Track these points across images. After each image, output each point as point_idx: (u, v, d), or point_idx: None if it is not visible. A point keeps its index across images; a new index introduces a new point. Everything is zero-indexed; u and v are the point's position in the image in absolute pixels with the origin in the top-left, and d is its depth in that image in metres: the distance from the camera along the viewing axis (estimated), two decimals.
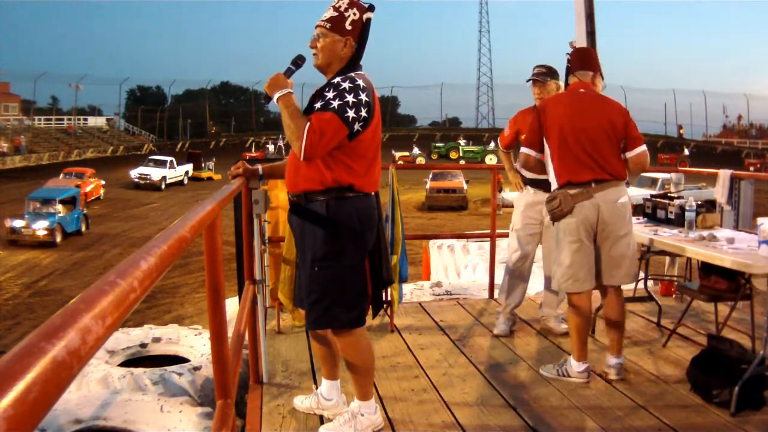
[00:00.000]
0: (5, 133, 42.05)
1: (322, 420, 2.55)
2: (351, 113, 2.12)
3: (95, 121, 56.13)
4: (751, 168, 34.76)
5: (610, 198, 2.76)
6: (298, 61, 2.34)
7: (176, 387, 3.40)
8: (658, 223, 3.61)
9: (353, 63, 2.26)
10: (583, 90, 2.86)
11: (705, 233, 3.11)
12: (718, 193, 4.55)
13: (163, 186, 28.69)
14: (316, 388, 2.70)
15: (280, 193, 3.83)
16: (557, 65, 3.59)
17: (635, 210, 3.20)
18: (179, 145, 49.81)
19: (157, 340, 4.17)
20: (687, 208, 3.34)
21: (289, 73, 2.31)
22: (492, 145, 40.55)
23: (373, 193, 2.32)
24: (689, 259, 3.70)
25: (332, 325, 2.33)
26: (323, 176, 2.19)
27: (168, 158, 30.75)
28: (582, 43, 4.90)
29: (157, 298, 11.28)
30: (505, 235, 4.15)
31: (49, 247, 16.00)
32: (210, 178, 32.40)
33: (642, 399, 2.71)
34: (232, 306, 4.19)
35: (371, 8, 2.25)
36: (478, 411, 2.63)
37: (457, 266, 7.85)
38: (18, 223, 16.14)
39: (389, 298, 3.66)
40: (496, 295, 4.60)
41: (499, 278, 4.08)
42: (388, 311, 3.76)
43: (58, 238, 16.42)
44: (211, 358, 1.86)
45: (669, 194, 3.79)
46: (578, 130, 2.76)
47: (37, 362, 0.44)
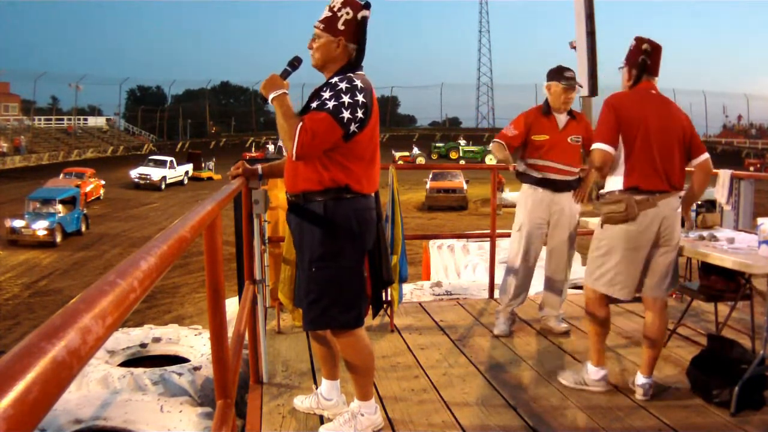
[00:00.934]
0: (5, 133, 42.07)
1: (322, 420, 2.55)
2: (346, 114, 2.10)
3: (95, 121, 56.16)
4: (751, 168, 34.71)
5: (672, 206, 2.68)
6: (295, 63, 2.33)
7: (176, 387, 3.40)
8: None
9: (352, 63, 2.23)
10: (654, 92, 2.73)
11: (705, 233, 3.11)
12: (718, 193, 4.55)
13: (163, 186, 28.72)
14: (316, 388, 2.70)
15: (279, 193, 3.83)
16: (557, 65, 3.60)
17: None
18: (179, 145, 49.86)
19: (157, 340, 4.17)
20: None
21: (285, 74, 2.30)
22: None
23: (372, 194, 2.32)
24: (689, 259, 3.70)
25: (330, 325, 2.33)
26: (321, 177, 2.19)
27: (168, 158, 30.79)
28: (582, 43, 4.91)
29: (157, 298, 11.28)
30: (505, 236, 4.14)
31: (49, 247, 16.01)
32: (210, 178, 32.43)
33: (642, 399, 2.71)
34: (232, 306, 4.19)
35: (367, 6, 2.21)
36: (478, 411, 2.63)
37: (457, 266, 7.85)
38: (18, 223, 16.16)
39: (389, 298, 3.66)
40: (496, 295, 4.60)
41: (499, 278, 4.06)
42: (388, 311, 3.75)
43: (58, 238, 16.44)
44: (211, 358, 1.86)
45: None
46: (657, 134, 2.63)
47: (37, 362, 0.44)
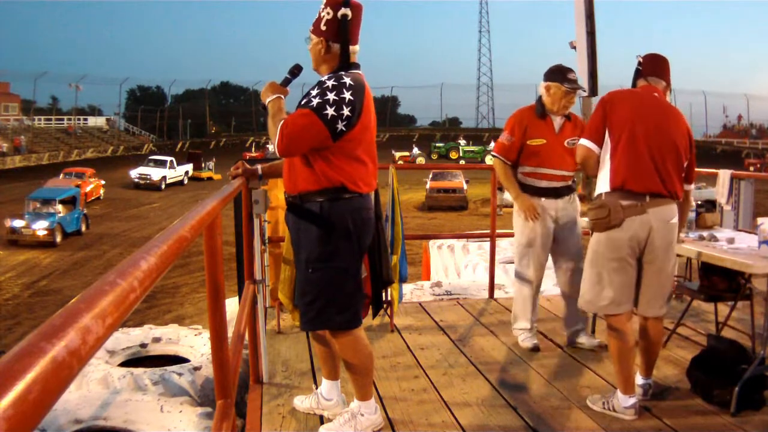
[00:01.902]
0: (5, 133, 42.05)
1: (322, 420, 2.54)
2: (330, 111, 2.09)
3: (95, 121, 56.10)
4: (751, 168, 34.72)
5: (663, 216, 2.50)
6: (295, 71, 2.35)
7: (176, 387, 3.40)
8: None
9: (344, 62, 2.22)
10: (657, 95, 2.64)
11: (705, 233, 3.11)
12: (718, 193, 4.55)
13: (163, 186, 28.73)
14: (316, 388, 2.70)
15: (279, 193, 3.82)
16: (557, 64, 3.59)
17: None
18: (179, 145, 49.84)
19: (157, 340, 4.17)
20: None
21: (285, 82, 2.32)
22: (492, 144, 40.51)
23: (370, 194, 2.31)
24: (689, 259, 3.70)
25: (326, 326, 2.33)
26: (318, 177, 2.19)
27: (168, 158, 30.80)
28: (582, 43, 4.90)
29: (157, 298, 11.28)
30: (505, 235, 4.12)
31: (49, 247, 16.01)
32: (210, 178, 32.43)
33: (642, 399, 2.71)
34: (232, 306, 4.19)
35: (346, 4, 2.17)
36: (478, 411, 2.63)
37: (457, 266, 7.86)
38: (18, 223, 16.17)
39: (389, 298, 3.66)
40: (496, 295, 4.60)
41: (499, 278, 4.03)
42: (388, 311, 3.75)
43: (58, 238, 16.44)
44: (211, 358, 1.86)
45: None
46: (650, 134, 2.50)
47: (37, 362, 0.44)
